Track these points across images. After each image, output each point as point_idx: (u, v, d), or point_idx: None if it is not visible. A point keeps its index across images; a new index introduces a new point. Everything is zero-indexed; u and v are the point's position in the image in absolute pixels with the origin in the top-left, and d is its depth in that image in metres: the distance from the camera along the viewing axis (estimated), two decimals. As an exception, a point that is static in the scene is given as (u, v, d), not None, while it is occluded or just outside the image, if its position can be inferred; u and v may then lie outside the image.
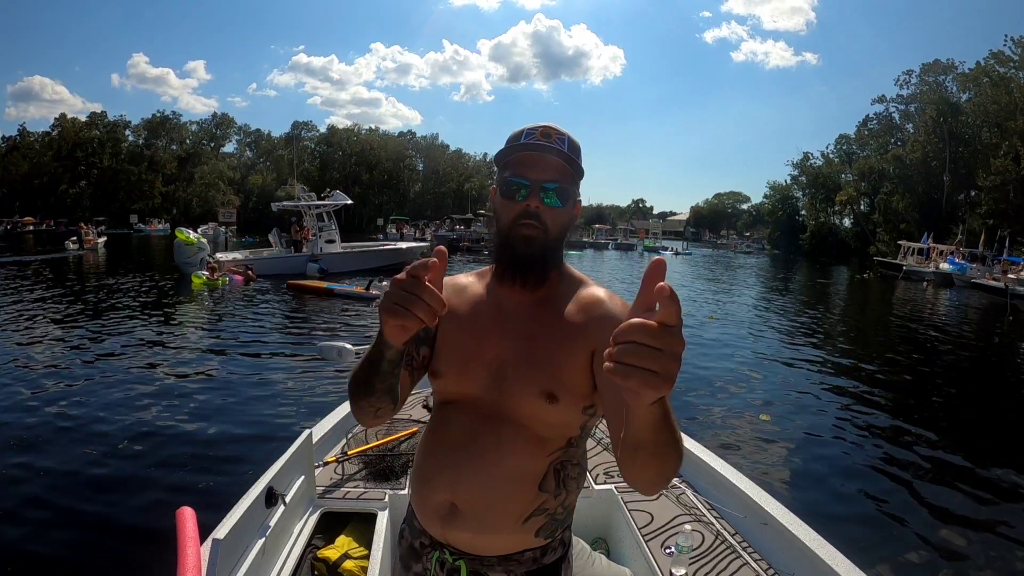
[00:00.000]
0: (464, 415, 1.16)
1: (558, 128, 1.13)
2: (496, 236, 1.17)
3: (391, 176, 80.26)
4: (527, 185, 1.09)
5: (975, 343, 13.03)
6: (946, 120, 46.00)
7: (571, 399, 1.11)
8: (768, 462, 5.13)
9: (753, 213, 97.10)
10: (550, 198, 1.10)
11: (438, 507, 1.15)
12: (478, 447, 1.12)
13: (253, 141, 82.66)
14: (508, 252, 1.13)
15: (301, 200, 20.91)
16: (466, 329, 1.18)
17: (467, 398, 1.16)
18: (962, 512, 4.34)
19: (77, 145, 67.28)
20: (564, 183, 1.11)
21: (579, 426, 1.16)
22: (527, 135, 1.12)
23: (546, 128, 1.12)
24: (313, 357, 7.78)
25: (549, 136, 1.11)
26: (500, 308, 1.18)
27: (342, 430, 2.92)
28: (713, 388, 7.42)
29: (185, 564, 1.42)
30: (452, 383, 1.17)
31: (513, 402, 1.11)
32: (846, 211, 58.27)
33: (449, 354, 1.17)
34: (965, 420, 6.87)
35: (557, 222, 1.12)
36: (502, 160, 1.14)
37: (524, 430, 1.12)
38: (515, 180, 1.10)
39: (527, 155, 1.10)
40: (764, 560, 1.97)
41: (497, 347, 1.14)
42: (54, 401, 5.87)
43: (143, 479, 4.27)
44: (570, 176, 1.12)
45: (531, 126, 1.13)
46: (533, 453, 1.12)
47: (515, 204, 1.11)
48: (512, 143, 1.13)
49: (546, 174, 1.09)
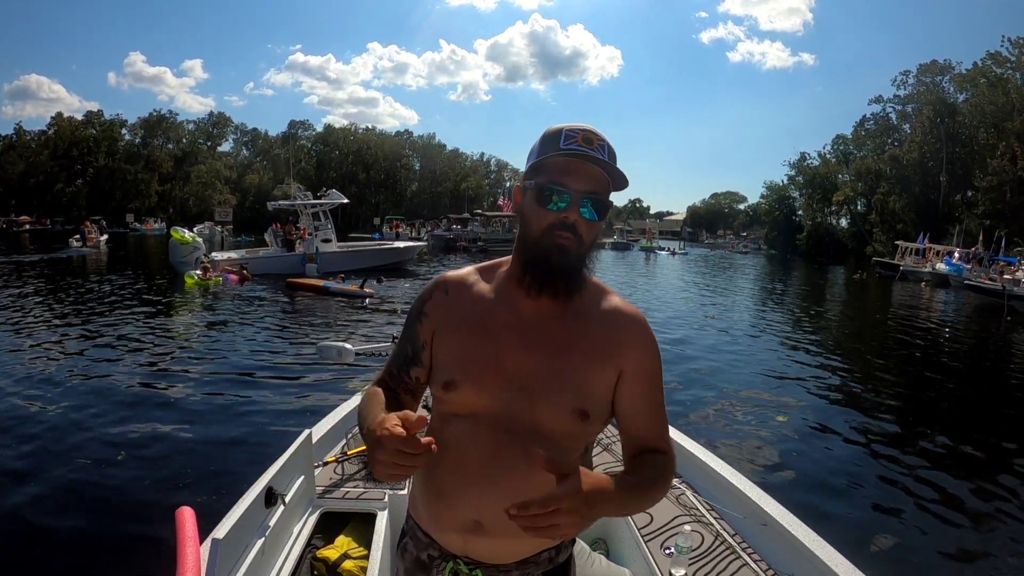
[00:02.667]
0: (483, 430, 1.08)
1: (598, 133, 1.05)
2: (523, 241, 1.09)
3: (388, 175, 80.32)
4: (568, 196, 1.02)
5: (973, 344, 13.08)
6: (943, 120, 46.17)
7: (600, 415, 1.10)
8: (767, 462, 5.13)
9: (750, 213, 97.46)
10: (589, 211, 1.04)
11: (460, 524, 1.10)
12: (504, 463, 1.06)
13: (250, 140, 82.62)
14: (539, 262, 1.05)
15: (297, 199, 20.88)
16: (478, 335, 1.11)
17: (485, 412, 1.08)
18: (962, 512, 4.35)
19: (73, 144, 67.10)
20: (604, 195, 1.06)
21: (596, 434, 1.17)
22: (566, 138, 1.03)
23: (587, 133, 1.04)
24: (313, 357, 7.77)
25: (591, 142, 1.03)
26: (518, 314, 1.11)
27: (342, 430, 2.91)
28: (712, 388, 7.42)
29: (184, 564, 1.42)
30: (468, 396, 1.09)
31: (544, 419, 1.06)
32: (843, 211, 58.47)
33: (461, 363, 1.10)
34: (965, 421, 6.89)
35: (591, 234, 1.06)
36: (540, 162, 1.05)
37: (551, 445, 1.05)
38: (555, 188, 1.03)
39: (568, 161, 1.03)
40: (764, 561, 1.97)
41: (518, 357, 1.08)
42: (53, 401, 5.85)
43: (142, 479, 4.26)
44: (609, 187, 1.07)
45: (570, 127, 1.05)
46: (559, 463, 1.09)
47: (551, 213, 1.03)
48: (548, 142, 1.05)
49: (588, 184, 1.03)
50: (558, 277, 1.06)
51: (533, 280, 1.07)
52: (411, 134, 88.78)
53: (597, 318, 1.12)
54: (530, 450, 1.03)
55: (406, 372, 1.18)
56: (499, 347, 1.09)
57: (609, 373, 1.09)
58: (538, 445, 1.02)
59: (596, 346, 1.09)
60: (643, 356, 1.12)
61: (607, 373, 1.09)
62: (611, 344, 1.10)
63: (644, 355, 1.12)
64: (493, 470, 1.06)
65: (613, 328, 1.12)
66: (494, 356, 1.08)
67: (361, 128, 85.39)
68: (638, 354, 1.11)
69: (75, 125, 69.07)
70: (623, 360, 1.10)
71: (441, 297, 1.17)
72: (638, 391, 1.11)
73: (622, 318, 1.13)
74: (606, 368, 1.09)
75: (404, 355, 1.19)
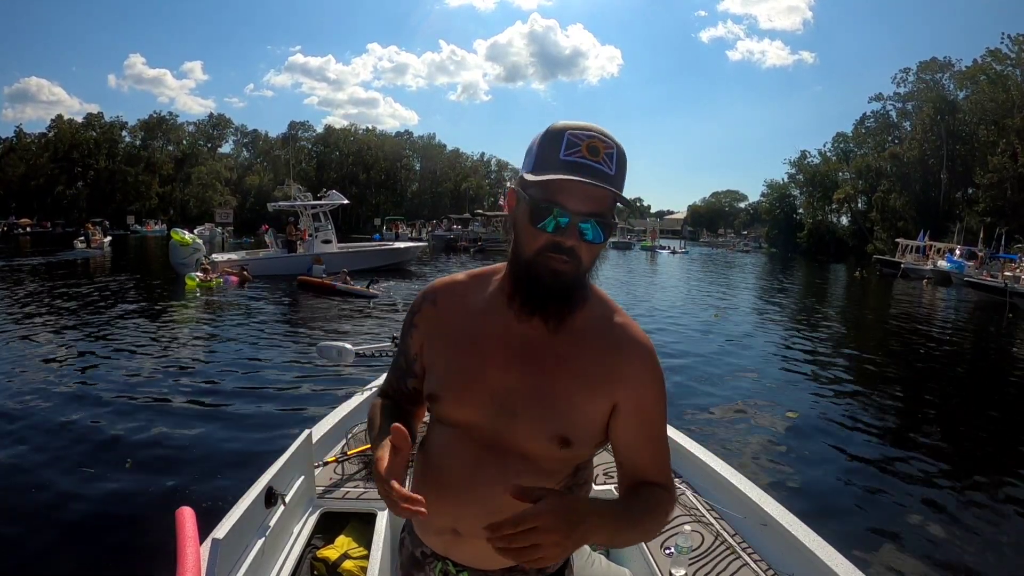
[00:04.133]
0: (464, 443, 1.05)
1: (606, 138, 0.93)
2: (516, 256, 0.99)
3: (388, 176, 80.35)
4: (566, 218, 0.91)
5: (975, 342, 13.07)
6: (943, 118, 46.12)
7: (585, 443, 1.03)
8: (767, 462, 5.13)
9: (751, 212, 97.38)
10: (590, 233, 0.93)
11: (439, 530, 1.09)
12: (482, 477, 1.02)
13: (250, 141, 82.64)
14: (531, 283, 0.96)
15: (298, 200, 20.87)
16: (465, 348, 1.06)
17: (467, 425, 1.04)
18: (963, 512, 4.34)
19: (74, 146, 67.19)
20: (608, 214, 0.94)
21: (589, 455, 1.12)
22: (569, 144, 0.91)
23: (592, 140, 0.92)
24: (313, 357, 7.78)
25: (597, 152, 0.91)
26: (508, 329, 1.03)
27: (342, 430, 2.91)
28: (713, 388, 7.42)
29: (184, 564, 1.42)
30: (450, 407, 1.06)
31: (521, 440, 1.01)
32: (843, 209, 58.45)
33: (446, 375, 1.07)
34: (967, 419, 6.88)
35: (592, 255, 0.96)
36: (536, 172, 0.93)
37: (531, 464, 1.02)
38: (550, 207, 0.91)
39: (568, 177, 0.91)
40: (764, 561, 1.97)
41: (504, 374, 1.02)
42: (55, 401, 5.86)
43: (142, 479, 4.27)
44: (614, 202, 0.95)
45: (574, 130, 0.93)
46: (541, 483, 0.99)
47: (545, 234, 0.92)
48: (548, 146, 0.93)
49: (589, 205, 0.91)
50: (551, 301, 0.97)
51: (524, 303, 0.99)
52: (411, 134, 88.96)
53: (595, 340, 1.03)
54: (509, 467, 1.02)
55: (403, 383, 1.19)
56: (485, 362, 1.03)
57: (601, 403, 1.01)
58: (519, 464, 1.01)
59: (589, 372, 1.01)
60: (642, 391, 1.02)
61: (599, 402, 1.01)
62: (607, 373, 1.01)
63: (644, 390, 1.03)
64: (472, 483, 1.03)
65: (612, 355, 1.02)
66: (479, 371, 1.03)
67: (361, 129, 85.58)
68: (637, 389, 1.02)
69: (75, 127, 69.19)
70: (619, 393, 1.01)
71: (429, 308, 1.13)
72: (634, 425, 1.03)
73: (625, 345, 1.03)
74: (597, 397, 1.01)
75: (399, 366, 1.20)
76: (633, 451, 1.05)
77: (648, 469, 1.06)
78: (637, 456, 1.06)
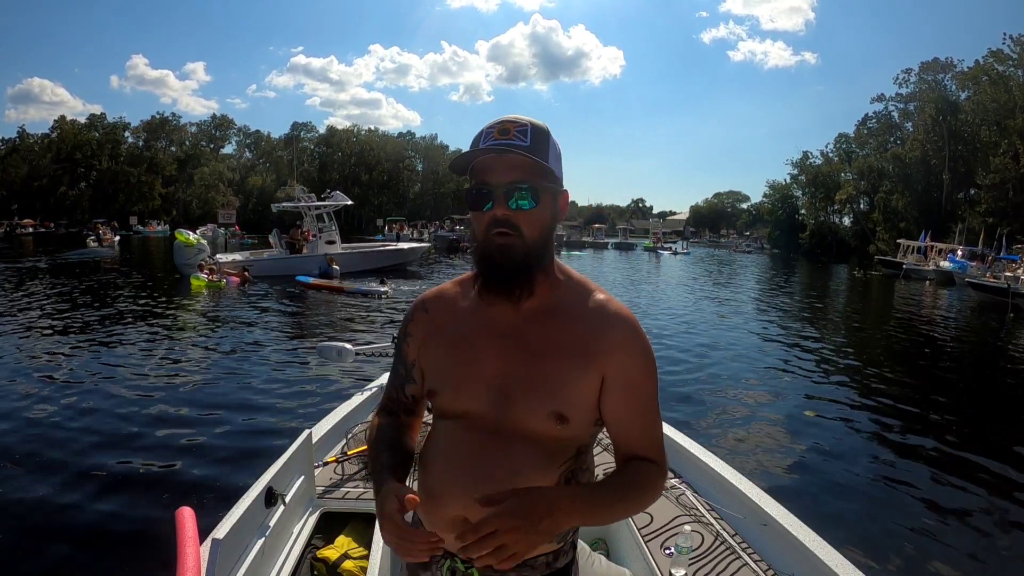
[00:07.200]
0: (469, 431, 1.09)
1: (517, 119, 1.04)
2: (474, 249, 1.09)
3: (391, 177, 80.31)
4: (490, 192, 1.02)
5: (978, 342, 13.04)
6: (945, 119, 45.97)
7: (581, 419, 1.07)
8: (767, 462, 5.12)
9: (752, 212, 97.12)
10: (519, 200, 1.01)
11: (450, 522, 1.10)
12: (488, 463, 1.07)
13: (252, 142, 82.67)
14: (486, 265, 1.05)
15: (301, 201, 20.89)
16: (456, 346, 1.12)
17: (469, 415, 1.10)
18: (964, 512, 4.34)
19: (76, 147, 67.28)
20: (533, 180, 1.02)
21: (589, 435, 1.14)
22: (484, 137, 1.03)
23: (503, 124, 1.03)
24: (313, 357, 7.79)
25: (507, 132, 1.01)
26: (493, 321, 1.10)
27: (342, 430, 2.92)
28: (714, 388, 7.41)
29: (184, 564, 1.42)
30: (448, 402, 1.12)
31: (520, 422, 1.06)
32: (845, 210, 58.21)
33: (441, 374, 1.13)
34: (969, 420, 6.86)
35: (535, 224, 1.03)
36: (463, 170, 1.06)
37: (534, 446, 1.06)
38: (477, 188, 1.03)
39: (486, 159, 1.02)
40: (764, 561, 1.96)
41: (496, 361, 1.08)
42: (56, 401, 5.87)
43: (142, 479, 4.27)
44: (540, 170, 1.03)
45: (490, 124, 1.05)
46: (544, 467, 1.07)
47: (484, 214, 1.03)
48: (472, 145, 1.04)
49: (509, 175, 1.01)
50: (509, 276, 1.03)
51: (484, 285, 1.06)
52: (414, 135, 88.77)
53: (579, 319, 1.09)
54: (514, 451, 1.06)
55: (402, 392, 1.23)
56: (478, 354, 1.09)
57: (591, 377, 1.06)
58: (523, 448, 1.05)
59: (576, 348, 1.06)
60: (628, 361, 1.07)
61: (588, 377, 1.06)
62: (592, 347, 1.06)
63: (629, 360, 1.07)
64: (477, 470, 1.07)
65: (596, 330, 1.07)
66: (473, 362, 1.09)
67: (363, 129, 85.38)
68: (622, 359, 1.07)
69: (78, 128, 69.29)
70: (605, 365, 1.06)
71: (422, 316, 1.20)
72: (621, 398, 1.08)
73: (607, 319, 1.09)
74: (586, 372, 1.06)
75: (398, 375, 1.25)
76: (623, 425, 1.10)
77: (638, 442, 1.10)
78: (627, 430, 1.10)
